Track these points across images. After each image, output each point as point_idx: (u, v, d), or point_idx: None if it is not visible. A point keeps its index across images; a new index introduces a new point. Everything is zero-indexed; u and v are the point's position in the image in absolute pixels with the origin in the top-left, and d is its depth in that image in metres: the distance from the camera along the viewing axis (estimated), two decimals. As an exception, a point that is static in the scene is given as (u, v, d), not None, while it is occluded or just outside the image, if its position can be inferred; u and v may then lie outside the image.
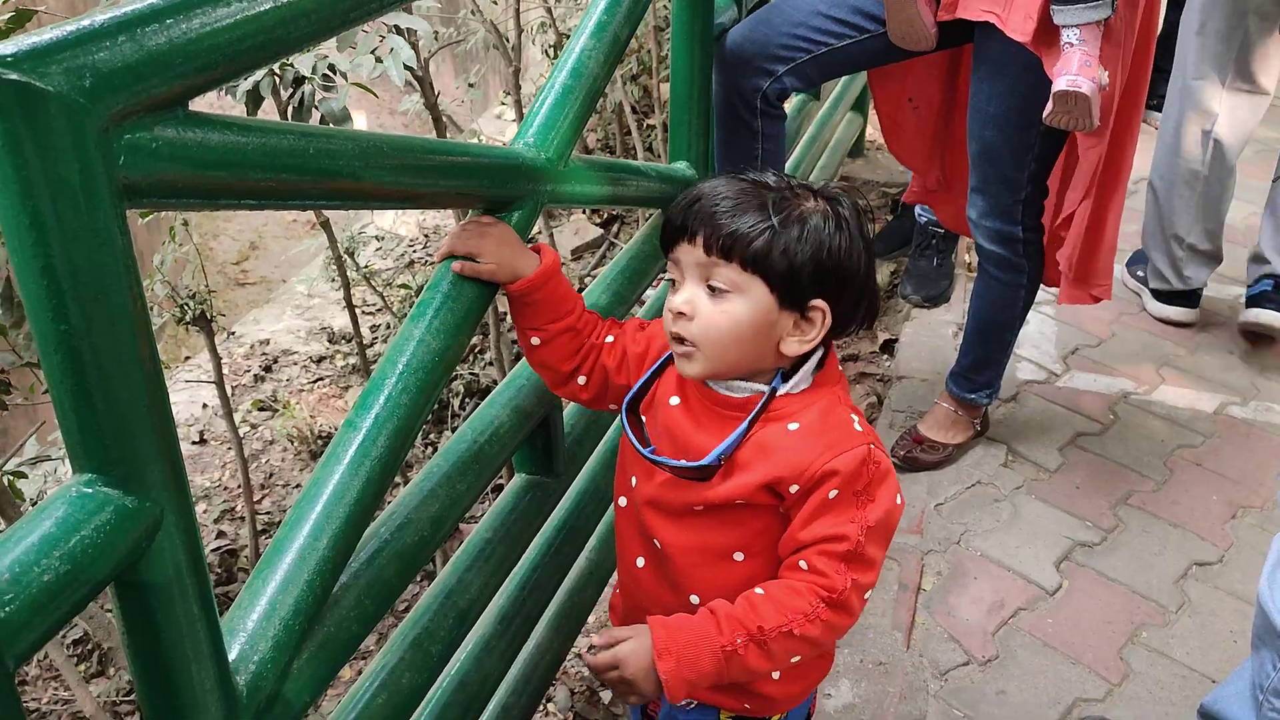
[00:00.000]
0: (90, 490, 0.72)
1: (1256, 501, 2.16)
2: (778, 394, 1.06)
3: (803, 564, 1.03)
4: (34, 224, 0.64)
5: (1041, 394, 2.45)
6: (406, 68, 1.75)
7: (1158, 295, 2.74)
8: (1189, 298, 2.71)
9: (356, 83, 1.68)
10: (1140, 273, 2.80)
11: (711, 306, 1.03)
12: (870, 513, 1.02)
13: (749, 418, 1.05)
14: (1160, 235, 2.66)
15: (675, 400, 1.12)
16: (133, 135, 0.70)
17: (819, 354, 1.09)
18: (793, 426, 1.04)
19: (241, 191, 0.84)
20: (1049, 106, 1.68)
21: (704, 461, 1.05)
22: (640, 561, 1.16)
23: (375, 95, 1.84)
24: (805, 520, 1.03)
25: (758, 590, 1.04)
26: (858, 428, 1.05)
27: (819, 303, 1.03)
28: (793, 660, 1.05)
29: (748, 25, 1.92)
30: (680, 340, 1.06)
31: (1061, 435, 2.32)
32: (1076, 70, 1.64)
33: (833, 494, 1.01)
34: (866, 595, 1.05)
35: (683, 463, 1.08)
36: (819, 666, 1.20)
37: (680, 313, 1.05)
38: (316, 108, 1.66)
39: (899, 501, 1.06)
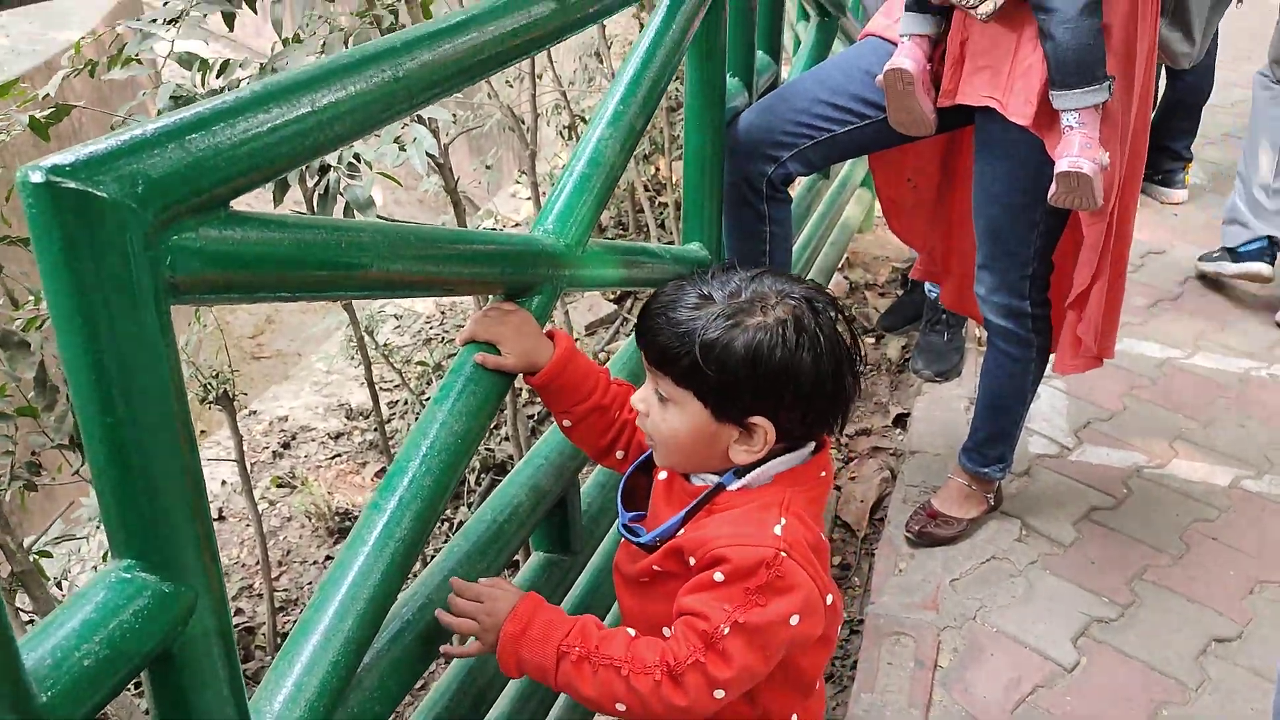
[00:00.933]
0: (129, 575, 0.75)
1: (1275, 576, 2.15)
2: (725, 489, 1.08)
3: (671, 629, 1.05)
4: (86, 323, 0.68)
5: (1054, 468, 2.46)
6: (428, 154, 1.80)
7: (1236, 255, 3.07)
8: (1266, 255, 3.04)
9: (382, 172, 1.74)
10: (1205, 262, 3.17)
11: (658, 412, 1.08)
12: (751, 614, 0.99)
13: (686, 509, 1.09)
14: (1246, 190, 3.07)
15: (664, 475, 1.17)
16: (179, 236, 0.74)
17: (800, 453, 1.09)
18: (719, 515, 1.07)
19: (278, 286, 0.88)
20: (1053, 187, 1.72)
21: (642, 539, 1.11)
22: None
23: (399, 184, 1.90)
24: (688, 590, 1.04)
25: (630, 631, 1.07)
26: (776, 531, 1.02)
27: (757, 420, 1.04)
28: (618, 706, 1.03)
29: (754, 112, 1.98)
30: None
31: (1075, 509, 2.33)
32: (1078, 152, 1.69)
33: (718, 577, 1.01)
34: (716, 694, 1.02)
35: (639, 535, 1.12)
36: None
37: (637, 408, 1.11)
38: (341, 194, 1.71)
39: (794, 623, 1.01)
